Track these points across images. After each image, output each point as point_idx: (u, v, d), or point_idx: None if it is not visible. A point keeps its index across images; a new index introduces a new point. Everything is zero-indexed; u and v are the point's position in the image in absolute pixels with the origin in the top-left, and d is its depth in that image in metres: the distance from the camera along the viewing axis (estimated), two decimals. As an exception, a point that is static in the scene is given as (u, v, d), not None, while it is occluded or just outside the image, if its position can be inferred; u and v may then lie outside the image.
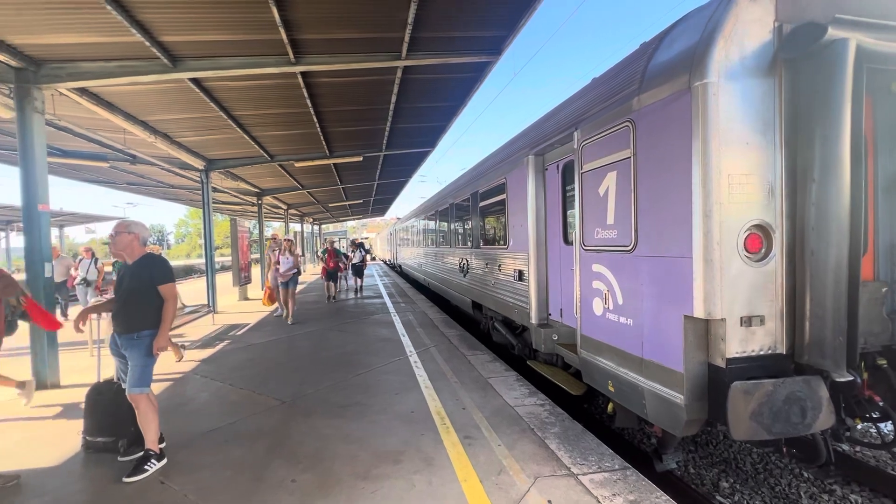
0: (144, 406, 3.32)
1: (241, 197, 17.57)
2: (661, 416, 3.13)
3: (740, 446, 4.54)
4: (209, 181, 11.46)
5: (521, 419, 4.09)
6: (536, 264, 5.34)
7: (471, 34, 5.97)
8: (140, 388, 3.30)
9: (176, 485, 3.13)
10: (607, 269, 3.75)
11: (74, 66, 5.53)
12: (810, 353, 2.71)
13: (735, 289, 2.76)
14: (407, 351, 6.75)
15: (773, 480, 3.99)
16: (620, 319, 3.56)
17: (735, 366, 2.75)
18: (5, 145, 8.88)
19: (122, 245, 3.41)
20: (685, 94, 2.86)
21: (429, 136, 11.54)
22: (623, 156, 3.49)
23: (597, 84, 4.27)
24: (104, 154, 9.78)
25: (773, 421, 2.63)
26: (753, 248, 2.80)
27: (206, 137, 9.36)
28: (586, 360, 4.10)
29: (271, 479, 3.16)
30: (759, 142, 2.78)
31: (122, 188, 15.32)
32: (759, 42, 2.76)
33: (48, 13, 4.46)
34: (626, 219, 3.45)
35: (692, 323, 2.84)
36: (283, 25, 5.04)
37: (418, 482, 3.06)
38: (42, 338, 5.32)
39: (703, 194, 2.76)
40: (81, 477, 3.31)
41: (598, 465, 3.24)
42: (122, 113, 7.31)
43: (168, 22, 4.89)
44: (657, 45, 3.39)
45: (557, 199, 5.06)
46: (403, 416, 4.24)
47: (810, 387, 2.67)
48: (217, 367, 6.15)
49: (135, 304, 3.34)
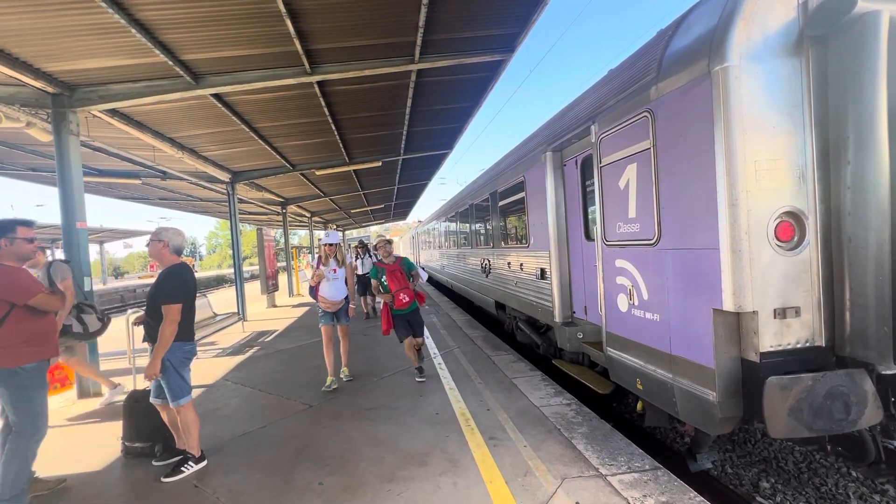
0: (184, 414, 3.41)
1: (266, 207, 18.04)
2: (693, 414, 3.01)
3: (781, 445, 4.32)
4: (235, 193, 11.82)
5: (547, 419, 4.02)
6: (558, 262, 5.26)
7: (483, 33, 5.94)
8: (178, 401, 3.36)
9: (208, 488, 3.22)
10: (631, 264, 3.66)
11: (105, 89, 5.80)
12: (852, 345, 2.56)
13: (766, 280, 2.64)
14: (431, 353, 6.75)
15: (819, 480, 3.78)
16: (647, 315, 3.46)
17: (770, 360, 2.63)
18: (45, 167, 9.39)
19: (153, 253, 3.49)
20: (705, 79, 2.76)
21: (446, 137, 11.55)
22: (643, 147, 3.39)
23: (613, 75, 4.17)
24: (137, 171, 10.22)
25: (814, 417, 2.49)
26: (785, 237, 2.67)
27: (230, 150, 9.65)
28: (613, 357, 4.00)
29: (299, 481, 3.21)
30: (786, 125, 2.65)
31: (155, 203, 15.98)
32: (783, 20, 2.64)
33: (78, 39, 4.70)
34: (649, 212, 3.36)
35: (722, 317, 2.73)
36: (297, 37, 5.14)
37: (444, 484, 3.05)
38: (84, 347, 5.58)
39: (728, 182, 2.65)
40: (121, 480, 3.45)
41: (628, 466, 3.15)
42: (150, 131, 7.62)
43: (188, 41, 5.07)
44: (674, 31, 3.29)
45: (577, 195, 4.97)
46: (428, 417, 4.24)
47: (854, 381, 2.52)
48: (247, 374, 6.32)
49: (157, 315, 3.31)
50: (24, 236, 3.10)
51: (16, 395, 2.93)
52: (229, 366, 6.83)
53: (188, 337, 3.45)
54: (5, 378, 2.91)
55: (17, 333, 2.93)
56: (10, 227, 3.08)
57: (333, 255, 5.42)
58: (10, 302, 2.92)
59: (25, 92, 5.57)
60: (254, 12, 4.64)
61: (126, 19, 4.35)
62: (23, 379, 2.94)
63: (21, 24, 4.31)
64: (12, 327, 2.92)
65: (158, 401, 3.51)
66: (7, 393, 2.92)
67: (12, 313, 2.93)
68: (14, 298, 2.94)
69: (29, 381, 2.97)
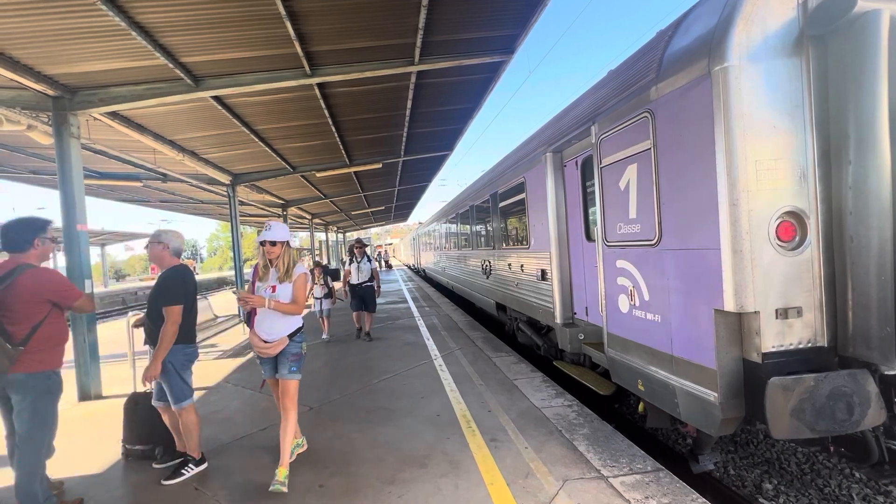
0: (186, 417, 3.39)
1: (267, 209, 18.07)
2: (695, 415, 3.00)
3: (784, 446, 4.31)
4: (236, 195, 11.83)
5: (549, 421, 4.01)
6: (559, 263, 5.25)
7: (482, 35, 5.95)
8: (181, 403, 3.34)
9: (209, 490, 3.21)
10: (632, 265, 3.65)
11: (106, 92, 5.81)
12: (855, 346, 2.55)
13: (768, 280, 2.63)
14: (432, 354, 6.74)
15: (822, 481, 3.76)
16: (648, 316, 3.45)
17: (772, 360, 2.61)
18: (46, 170, 9.41)
19: (153, 255, 3.48)
20: (704, 79, 2.76)
21: (446, 139, 11.57)
22: (643, 147, 3.39)
23: (613, 76, 4.17)
24: (137, 174, 10.25)
25: (817, 418, 2.48)
26: (786, 237, 2.66)
27: (230, 153, 9.67)
28: (614, 358, 3.99)
29: (300, 484, 3.19)
30: (787, 125, 2.64)
31: (156, 206, 16.02)
32: (782, 20, 2.63)
33: (79, 42, 4.71)
34: (649, 212, 3.35)
35: (723, 317, 2.72)
36: (297, 39, 5.15)
37: (445, 486, 3.04)
38: (85, 350, 5.58)
39: (729, 182, 2.64)
40: (122, 483, 3.44)
41: (630, 467, 3.13)
42: (151, 133, 7.64)
43: (188, 44, 5.08)
44: (673, 31, 3.28)
45: (577, 196, 4.97)
46: (429, 419, 4.23)
47: (857, 381, 2.51)
48: (248, 376, 6.30)
49: (157, 317, 3.30)
50: (51, 236, 2.99)
51: (39, 401, 2.71)
52: (230, 368, 6.83)
53: (190, 339, 3.44)
54: (36, 383, 2.69)
55: (52, 335, 2.78)
56: (44, 227, 2.93)
57: (278, 264, 3.28)
58: (53, 303, 2.78)
59: (27, 95, 5.59)
60: (254, 15, 4.65)
61: (126, 22, 4.36)
62: (53, 383, 2.79)
63: (22, 27, 4.32)
64: (50, 329, 2.76)
65: (160, 403, 3.50)
66: (30, 399, 2.68)
67: (51, 315, 2.78)
68: (62, 299, 2.82)
69: (56, 387, 2.82)
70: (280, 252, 3.29)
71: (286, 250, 3.34)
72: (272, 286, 3.24)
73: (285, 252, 3.33)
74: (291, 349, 3.29)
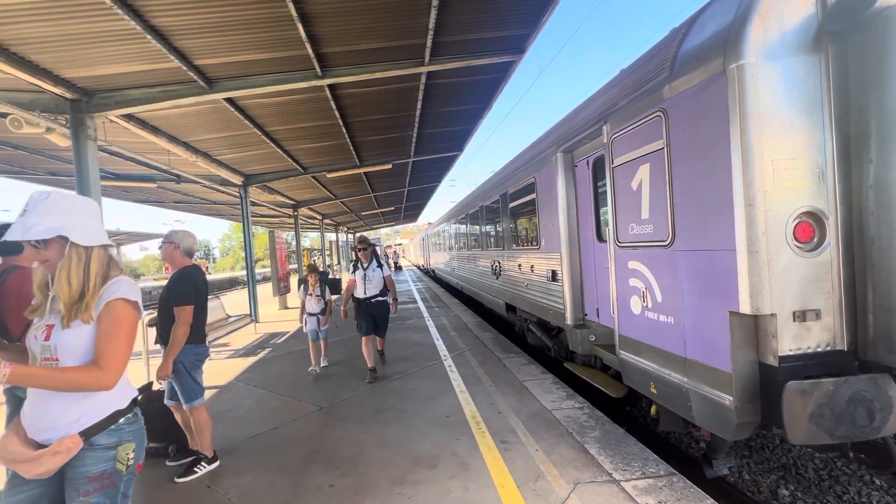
0: (197, 416, 3.43)
1: (278, 210, 18.22)
2: (709, 418, 2.95)
3: (801, 451, 4.21)
4: (247, 196, 11.95)
5: (559, 423, 3.97)
6: (570, 263, 5.21)
7: (493, 34, 5.93)
8: (191, 403, 3.40)
9: (221, 488, 3.24)
10: (644, 266, 3.60)
11: (122, 94, 5.91)
12: (876, 349, 2.48)
13: (785, 282, 2.57)
14: (441, 355, 6.73)
15: (840, 488, 3.67)
16: (660, 318, 3.40)
17: (789, 364, 2.56)
18: (64, 171, 9.61)
19: (165, 255, 3.53)
20: (720, 77, 2.71)
21: (456, 139, 11.54)
22: (656, 147, 3.34)
23: (625, 75, 4.12)
24: (152, 175, 10.40)
25: (836, 423, 2.42)
26: (804, 237, 2.60)
27: (242, 154, 9.77)
28: (626, 360, 3.94)
29: (310, 483, 3.21)
30: (805, 123, 2.58)
31: (170, 206, 16.24)
32: (801, 16, 2.58)
33: (96, 46, 4.80)
34: (662, 212, 3.30)
35: (739, 319, 2.67)
36: (308, 41, 5.18)
37: (454, 487, 3.03)
38: None
39: (745, 182, 2.59)
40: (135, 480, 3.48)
41: (642, 471, 3.09)
42: (165, 135, 7.75)
43: (202, 46, 5.14)
44: (688, 29, 3.23)
45: (589, 196, 4.92)
46: (439, 420, 4.22)
47: (878, 386, 2.44)
48: (259, 375, 6.36)
49: (168, 318, 3.35)
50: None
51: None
52: (242, 367, 6.90)
53: (200, 339, 3.48)
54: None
55: None
56: None
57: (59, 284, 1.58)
58: None
59: (45, 98, 5.70)
60: (266, 17, 4.69)
61: (142, 26, 4.42)
62: None
63: (41, 31, 4.41)
64: None
65: (172, 402, 3.54)
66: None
67: None
68: None
69: None
70: (56, 257, 1.60)
71: (73, 251, 1.60)
72: (46, 327, 1.60)
73: (74, 255, 1.60)
74: (89, 466, 1.60)
